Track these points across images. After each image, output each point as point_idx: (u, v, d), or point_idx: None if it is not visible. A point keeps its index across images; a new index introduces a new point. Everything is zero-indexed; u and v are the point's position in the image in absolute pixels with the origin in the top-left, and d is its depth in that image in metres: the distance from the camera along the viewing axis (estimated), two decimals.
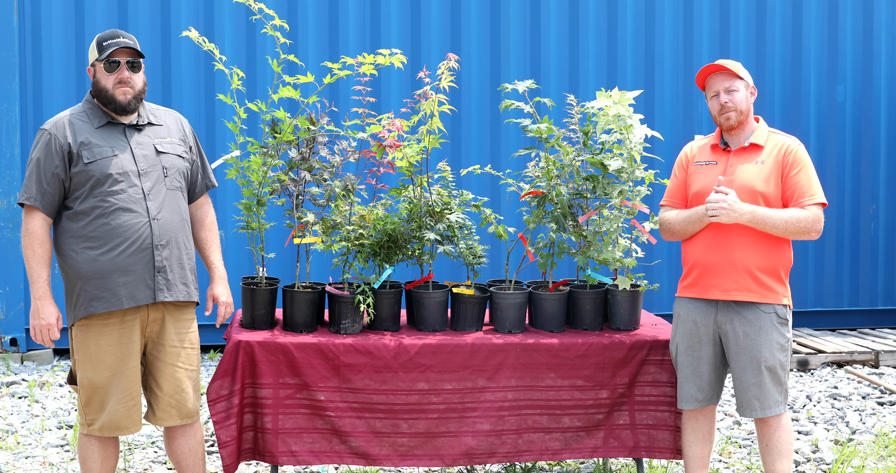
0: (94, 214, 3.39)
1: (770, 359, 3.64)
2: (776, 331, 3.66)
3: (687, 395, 3.78)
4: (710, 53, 7.28)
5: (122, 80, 3.44)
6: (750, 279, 3.64)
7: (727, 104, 3.68)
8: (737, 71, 3.70)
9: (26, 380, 6.11)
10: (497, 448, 3.93)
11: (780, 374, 3.67)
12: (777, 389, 3.67)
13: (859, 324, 7.74)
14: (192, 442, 3.64)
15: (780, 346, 3.67)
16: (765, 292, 3.65)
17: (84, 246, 3.40)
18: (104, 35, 3.47)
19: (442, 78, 3.95)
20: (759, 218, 3.57)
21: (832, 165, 7.57)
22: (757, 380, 3.65)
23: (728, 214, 3.55)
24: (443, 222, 4.08)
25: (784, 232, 3.59)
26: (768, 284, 3.66)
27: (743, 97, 3.70)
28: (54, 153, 3.40)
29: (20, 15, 6.61)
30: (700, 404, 3.77)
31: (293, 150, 4.01)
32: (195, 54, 6.71)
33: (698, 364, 3.76)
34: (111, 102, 3.46)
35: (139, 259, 3.42)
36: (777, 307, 3.67)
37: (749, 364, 3.65)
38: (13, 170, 6.63)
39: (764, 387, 3.65)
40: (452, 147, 6.91)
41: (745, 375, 3.66)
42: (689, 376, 3.77)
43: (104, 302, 3.40)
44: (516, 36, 7.13)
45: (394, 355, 3.85)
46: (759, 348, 3.64)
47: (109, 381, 3.45)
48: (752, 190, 3.64)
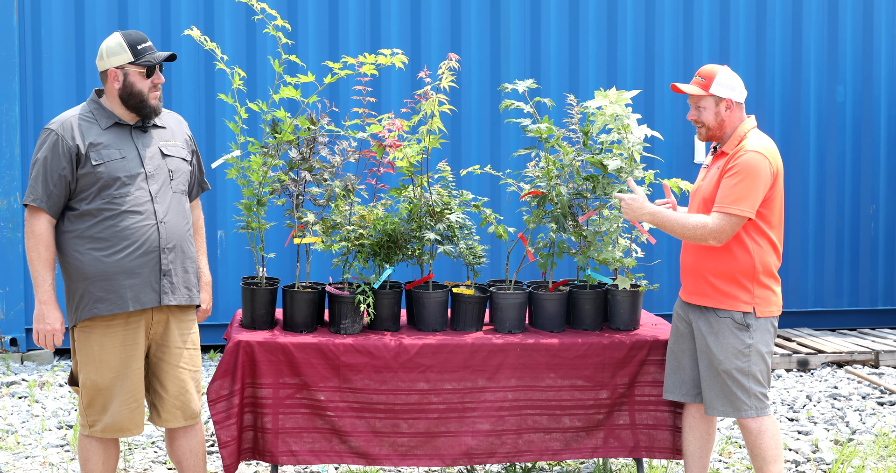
0: (101, 215, 3.38)
1: (725, 363, 3.64)
2: (732, 336, 3.63)
3: (669, 385, 3.87)
4: (710, 53, 7.28)
5: (156, 84, 3.47)
6: (705, 284, 3.69)
7: (696, 120, 3.74)
8: (704, 87, 3.66)
9: (26, 380, 6.11)
10: (497, 449, 3.93)
11: (739, 379, 3.63)
12: (742, 393, 3.63)
13: (859, 324, 7.74)
14: (193, 443, 3.64)
15: (738, 351, 3.63)
16: (720, 297, 3.66)
17: (90, 247, 3.39)
18: (135, 38, 3.46)
19: (442, 78, 3.95)
20: (659, 220, 3.67)
21: (832, 165, 7.56)
22: (716, 381, 3.68)
23: (626, 212, 3.70)
24: (443, 222, 4.08)
25: (682, 236, 3.65)
26: (724, 289, 3.65)
27: (711, 114, 3.69)
28: (61, 154, 3.37)
29: (20, 15, 6.61)
30: (684, 397, 3.82)
31: (293, 150, 4.01)
32: (195, 54, 6.71)
33: (681, 357, 3.83)
34: (144, 106, 3.45)
35: (146, 262, 3.41)
36: (734, 313, 3.64)
37: (707, 366, 3.70)
38: (13, 170, 6.62)
39: (725, 389, 3.66)
40: (452, 147, 6.91)
41: (706, 374, 3.71)
42: (673, 368, 3.85)
43: (109, 304, 3.39)
44: (516, 36, 7.13)
45: (394, 355, 3.85)
46: (713, 351, 3.66)
47: (113, 383, 3.44)
48: (703, 198, 3.71)
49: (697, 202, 3.77)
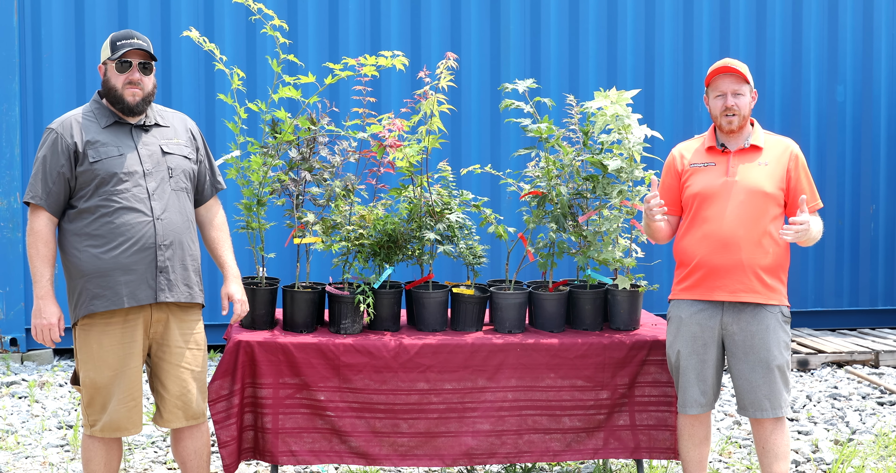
0: (98, 212, 3.39)
1: (779, 358, 3.65)
2: (782, 330, 3.68)
3: (692, 400, 3.74)
4: (710, 53, 7.28)
5: (133, 81, 3.44)
6: (756, 280, 3.64)
7: (732, 107, 3.67)
8: (746, 75, 3.71)
9: (26, 380, 6.11)
10: (497, 449, 3.93)
11: (786, 373, 3.69)
12: (785, 388, 3.68)
13: (859, 324, 7.74)
14: (198, 444, 3.63)
15: (786, 344, 3.70)
16: (769, 292, 3.66)
17: (87, 244, 3.39)
18: (119, 35, 3.47)
19: (441, 77, 3.95)
20: (815, 234, 3.68)
21: (832, 165, 7.57)
22: (766, 380, 3.65)
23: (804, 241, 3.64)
24: (443, 222, 4.08)
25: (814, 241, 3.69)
26: (772, 285, 3.67)
27: (747, 102, 3.70)
28: (60, 152, 3.39)
29: (20, 15, 6.61)
30: (704, 408, 3.75)
31: (293, 150, 4.01)
32: (195, 54, 6.71)
33: (703, 368, 3.72)
34: (119, 101, 3.45)
35: (141, 258, 3.40)
36: (781, 307, 3.70)
37: (759, 364, 3.65)
38: (13, 170, 6.62)
39: (774, 387, 3.65)
40: (452, 147, 6.91)
41: (755, 375, 3.65)
42: (693, 380, 3.73)
43: (105, 301, 3.39)
44: (516, 36, 7.13)
45: (394, 355, 3.85)
46: (769, 347, 3.64)
47: (111, 381, 3.44)
48: (762, 192, 3.64)
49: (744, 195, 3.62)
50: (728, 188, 3.66)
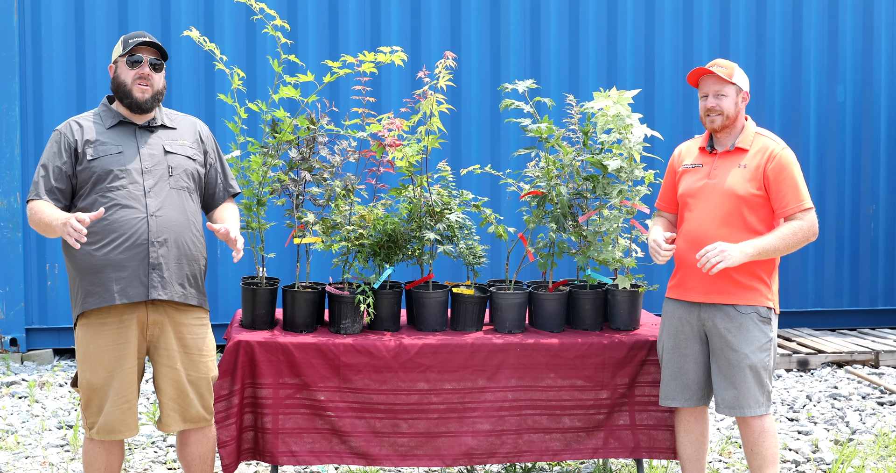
0: (94, 210, 3.39)
1: (751, 357, 3.63)
2: (757, 330, 3.65)
3: (667, 392, 3.81)
4: (710, 53, 7.28)
5: (143, 76, 3.46)
6: (727, 282, 3.65)
7: (714, 108, 3.70)
8: (729, 76, 3.68)
9: (26, 380, 6.11)
10: (497, 449, 3.93)
11: (761, 374, 3.65)
12: (758, 389, 3.65)
13: (859, 324, 7.74)
14: (203, 450, 3.62)
15: (761, 346, 3.65)
16: (743, 293, 3.65)
17: (83, 242, 3.39)
18: (131, 34, 3.53)
19: (440, 77, 3.95)
20: (759, 250, 3.56)
21: (832, 165, 7.57)
22: (737, 379, 3.65)
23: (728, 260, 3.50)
24: (443, 222, 4.08)
25: (787, 250, 3.60)
26: (748, 285, 3.65)
27: (731, 103, 3.70)
28: (62, 150, 3.43)
29: (20, 15, 6.61)
30: (686, 403, 3.78)
31: (293, 150, 4.01)
32: (195, 54, 6.71)
33: (683, 362, 3.77)
34: (128, 96, 3.47)
35: (133, 255, 3.38)
36: (759, 308, 3.66)
37: (729, 363, 3.66)
38: (13, 170, 6.62)
39: (743, 386, 3.64)
40: (452, 147, 6.91)
41: (726, 373, 3.67)
42: (674, 374, 3.79)
43: (97, 298, 3.37)
44: (516, 36, 7.13)
45: (394, 355, 3.85)
46: (740, 346, 3.64)
47: (106, 382, 3.43)
48: (735, 194, 3.65)
49: (719, 197, 3.66)
50: (706, 191, 3.72)
